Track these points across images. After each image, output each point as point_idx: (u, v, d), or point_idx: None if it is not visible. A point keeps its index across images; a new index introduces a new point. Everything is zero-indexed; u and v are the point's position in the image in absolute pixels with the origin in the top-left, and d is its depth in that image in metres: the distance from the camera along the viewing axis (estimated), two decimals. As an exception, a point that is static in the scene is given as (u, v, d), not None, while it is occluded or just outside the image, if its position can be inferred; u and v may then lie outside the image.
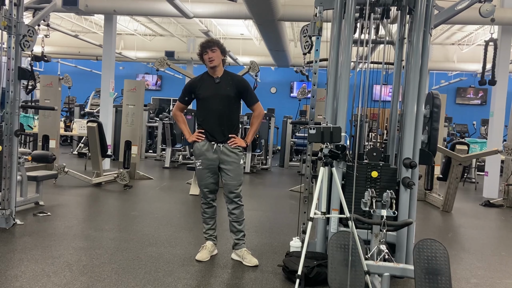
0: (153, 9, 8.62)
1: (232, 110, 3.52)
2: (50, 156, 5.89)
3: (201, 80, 3.55)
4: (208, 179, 3.51)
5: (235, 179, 3.47)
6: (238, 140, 3.49)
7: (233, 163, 3.47)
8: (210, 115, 3.46)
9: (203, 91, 3.49)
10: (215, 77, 3.48)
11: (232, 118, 3.53)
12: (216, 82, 3.46)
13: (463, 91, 16.59)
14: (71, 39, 12.75)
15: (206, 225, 3.62)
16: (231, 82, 3.49)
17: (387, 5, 3.35)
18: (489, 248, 4.43)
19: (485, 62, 5.09)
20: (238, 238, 3.55)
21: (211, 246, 3.61)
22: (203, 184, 3.54)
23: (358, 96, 3.50)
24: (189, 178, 7.14)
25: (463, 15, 4.89)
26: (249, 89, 3.58)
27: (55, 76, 8.05)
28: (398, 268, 2.83)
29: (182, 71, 7.78)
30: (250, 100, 3.57)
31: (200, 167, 3.51)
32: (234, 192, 3.48)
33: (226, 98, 3.46)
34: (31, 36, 4.20)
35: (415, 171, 3.27)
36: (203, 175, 3.51)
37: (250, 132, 3.62)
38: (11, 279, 2.94)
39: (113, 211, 5.36)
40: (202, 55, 3.48)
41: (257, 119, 3.65)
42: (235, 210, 3.51)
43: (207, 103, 3.48)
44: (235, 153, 3.48)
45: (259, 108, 3.61)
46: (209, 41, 3.50)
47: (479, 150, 8.99)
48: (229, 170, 3.46)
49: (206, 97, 3.48)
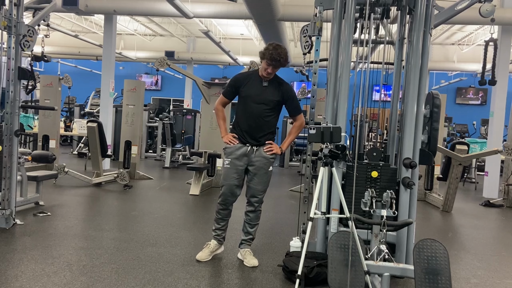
0: (153, 9, 8.62)
1: (272, 116, 3.42)
2: (50, 156, 5.89)
3: (248, 78, 3.43)
4: (232, 180, 3.40)
5: (261, 184, 3.40)
6: (275, 147, 3.41)
7: (263, 168, 3.39)
8: (249, 116, 3.37)
9: (248, 90, 3.38)
10: (264, 80, 3.38)
11: (271, 124, 3.44)
12: (264, 86, 3.37)
13: (463, 91, 16.59)
14: (71, 39, 12.76)
15: (216, 225, 3.54)
16: (278, 88, 3.39)
17: (387, 5, 3.36)
18: (489, 248, 4.43)
19: (485, 62, 5.09)
20: (245, 239, 3.53)
21: (214, 246, 3.53)
22: (226, 184, 3.42)
23: (358, 96, 3.50)
24: (189, 178, 7.14)
25: (463, 15, 4.89)
26: (295, 99, 3.50)
27: (55, 76, 8.06)
28: (398, 268, 2.83)
29: (182, 71, 7.78)
30: (293, 110, 3.51)
31: (228, 166, 3.41)
32: (257, 197, 3.42)
33: (270, 103, 3.36)
34: (31, 36, 4.20)
35: (415, 171, 3.27)
36: (229, 175, 3.41)
37: (287, 140, 3.54)
38: (11, 279, 2.94)
39: (113, 211, 5.36)
40: (265, 59, 3.28)
41: (297, 130, 3.56)
42: (251, 213, 3.47)
43: (249, 104, 3.37)
44: (267, 159, 3.39)
45: (302, 119, 3.54)
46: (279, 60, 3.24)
47: (479, 150, 8.99)
48: (256, 175, 3.38)
49: (250, 97, 3.37)
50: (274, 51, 3.24)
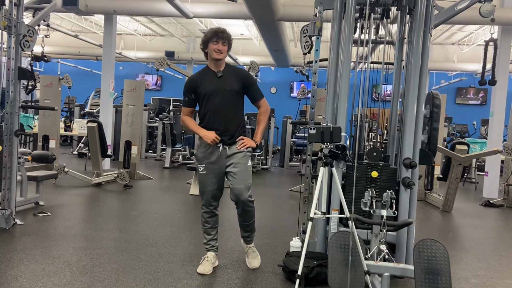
0: (153, 9, 8.62)
1: (238, 106, 3.22)
2: (50, 156, 5.89)
3: (201, 76, 3.22)
4: (212, 185, 3.20)
5: (242, 182, 3.15)
6: (247, 141, 3.20)
7: (240, 164, 3.16)
8: (213, 113, 3.15)
9: (204, 87, 3.16)
10: (217, 71, 3.18)
11: (238, 116, 3.23)
12: (219, 77, 3.16)
13: (463, 91, 16.59)
14: (71, 39, 12.75)
15: (207, 236, 3.33)
16: (235, 76, 3.19)
17: (387, 5, 3.35)
18: (489, 248, 4.43)
19: (485, 62, 5.09)
20: (245, 235, 3.43)
21: (213, 257, 3.31)
22: (206, 191, 3.22)
23: (358, 96, 3.50)
24: (189, 178, 7.14)
25: (463, 15, 4.88)
26: (255, 83, 3.31)
27: (55, 76, 8.06)
28: (398, 268, 2.83)
29: (182, 71, 7.78)
30: (255, 96, 3.28)
31: (204, 172, 3.20)
32: (242, 197, 3.16)
33: (230, 93, 3.16)
34: (31, 36, 4.20)
35: (415, 171, 3.27)
36: (206, 181, 3.20)
37: (258, 130, 3.29)
38: (11, 279, 2.94)
39: (113, 211, 5.36)
40: (208, 42, 3.13)
41: (265, 116, 3.33)
42: (243, 215, 3.28)
43: (210, 100, 3.15)
44: (243, 153, 3.19)
45: (265, 104, 3.32)
46: (224, 31, 3.15)
47: (479, 150, 8.99)
48: (235, 173, 3.14)
49: (208, 93, 3.15)
50: (213, 28, 3.17)
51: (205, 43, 3.17)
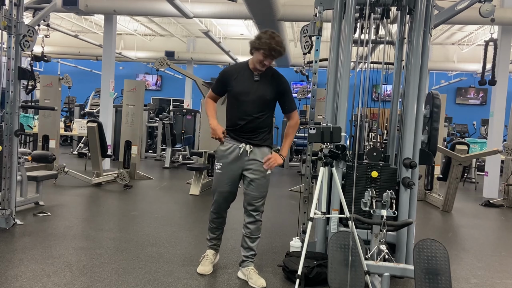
0: (153, 9, 8.63)
1: (268, 113, 3.04)
2: (50, 156, 5.89)
3: (237, 71, 3.01)
4: (225, 187, 3.07)
5: (258, 190, 3.03)
6: (274, 159, 3.01)
7: (260, 172, 3.03)
8: (240, 117, 2.99)
9: (238, 86, 2.98)
10: (255, 73, 2.98)
11: (267, 121, 3.06)
12: (255, 80, 2.97)
13: (463, 91, 16.59)
14: (71, 39, 12.76)
15: (211, 234, 3.28)
16: (272, 83, 3.00)
17: (387, 5, 3.36)
18: (489, 248, 4.43)
19: (485, 62, 5.10)
20: (247, 255, 3.14)
21: (212, 256, 3.27)
22: (219, 192, 3.10)
23: (358, 96, 3.50)
24: (189, 178, 7.14)
25: (463, 15, 4.89)
26: (290, 94, 3.09)
27: (55, 76, 8.06)
28: (398, 268, 2.83)
29: (182, 71, 7.77)
30: (288, 107, 3.08)
31: (219, 172, 3.07)
32: (253, 205, 3.05)
33: (263, 101, 2.98)
34: (31, 36, 4.20)
35: (415, 171, 3.27)
36: (221, 181, 3.08)
37: (286, 144, 3.13)
38: (11, 279, 2.94)
39: (113, 211, 5.36)
40: (259, 50, 2.86)
41: (294, 129, 3.14)
42: (250, 225, 3.09)
43: (240, 102, 2.98)
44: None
45: (296, 117, 3.13)
46: (280, 53, 2.89)
47: (479, 150, 8.99)
48: (253, 180, 3.02)
49: (240, 94, 2.97)
50: (272, 40, 2.85)
51: (256, 45, 2.89)
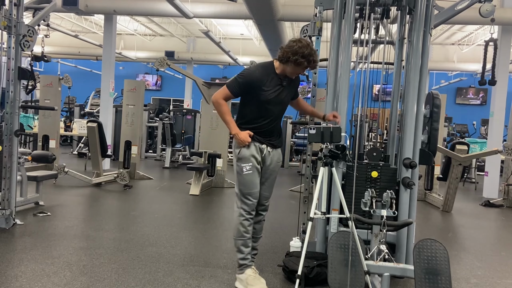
0: (153, 9, 8.63)
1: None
2: (50, 156, 5.89)
3: (266, 76, 2.92)
4: (258, 186, 2.97)
5: (269, 190, 3.11)
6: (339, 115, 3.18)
7: (275, 173, 3.11)
8: (268, 121, 2.98)
9: (269, 92, 2.90)
10: (283, 77, 2.97)
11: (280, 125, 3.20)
12: (283, 85, 2.98)
13: (463, 91, 16.60)
14: (71, 39, 12.77)
15: (245, 248, 2.95)
16: (294, 84, 3.12)
17: (387, 5, 3.36)
18: (489, 248, 4.43)
19: (485, 62, 5.10)
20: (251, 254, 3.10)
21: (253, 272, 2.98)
22: (253, 193, 2.94)
23: (358, 96, 3.50)
24: (189, 178, 7.14)
25: (463, 15, 4.89)
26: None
27: (55, 76, 8.07)
28: (398, 268, 2.83)
29: (182, 71, 7.78)
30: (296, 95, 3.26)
31: (250, 172, 2.92)
32: (264, 205, 3.10)
33: (287, 104, 3.14)
34: (31, 36, 4.20)
35: (415, 171, 3.27)
36: (254, 182, 2.94)
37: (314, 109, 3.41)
38: (11, 279, 2.94)
39: (113, 211, 5.36)
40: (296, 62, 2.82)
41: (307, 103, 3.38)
42: (257, 224, 3.10)
43: (268, 108, 2.94)
44: (279, 162, 3.14)
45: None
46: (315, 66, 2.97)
47: (479, 150, 9.00)
48: (267, 180, 3.07)
49: (271, 101, 2.93)
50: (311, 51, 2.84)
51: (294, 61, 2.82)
